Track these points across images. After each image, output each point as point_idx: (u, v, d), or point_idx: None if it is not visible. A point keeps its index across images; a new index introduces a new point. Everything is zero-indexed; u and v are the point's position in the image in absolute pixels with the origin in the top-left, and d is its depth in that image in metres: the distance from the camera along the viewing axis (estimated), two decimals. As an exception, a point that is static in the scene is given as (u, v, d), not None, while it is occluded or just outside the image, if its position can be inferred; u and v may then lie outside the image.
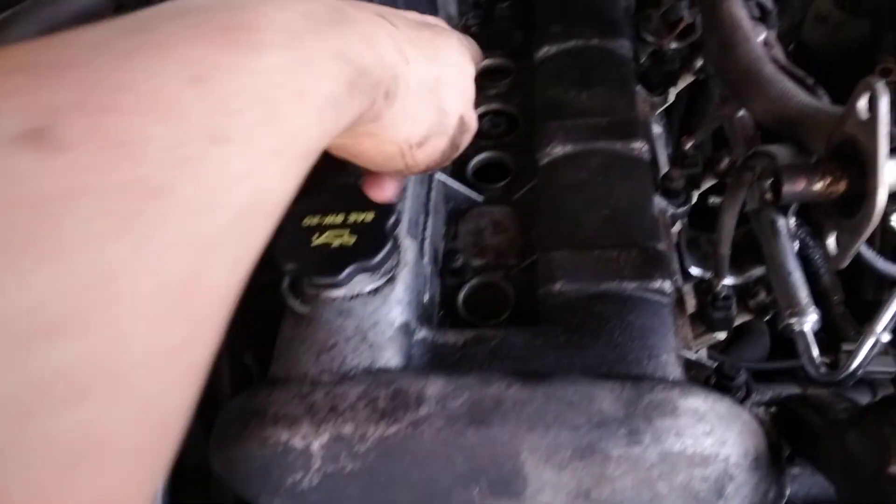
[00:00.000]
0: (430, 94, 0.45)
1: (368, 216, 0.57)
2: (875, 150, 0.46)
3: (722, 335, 0.66)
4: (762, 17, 0.78)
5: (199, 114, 0.24)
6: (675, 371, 0.54)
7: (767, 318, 0.65)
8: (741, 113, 0.68)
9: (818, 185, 0.50)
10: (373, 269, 0.56)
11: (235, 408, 0.54)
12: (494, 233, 0.73)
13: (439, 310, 0.67)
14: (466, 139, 0.52)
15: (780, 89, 0.59)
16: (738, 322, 0.67)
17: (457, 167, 0.79)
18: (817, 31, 1.27)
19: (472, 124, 0.52)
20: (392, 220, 0.57)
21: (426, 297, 0.64)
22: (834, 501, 0.56)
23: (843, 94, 0.52)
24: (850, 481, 0.49)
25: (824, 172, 0.50)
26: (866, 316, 0.55)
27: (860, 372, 0.54)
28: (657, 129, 0.86)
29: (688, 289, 0.71)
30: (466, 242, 0.72)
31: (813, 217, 0.59)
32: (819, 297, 0.61)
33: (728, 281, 0.66)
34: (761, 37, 0.73)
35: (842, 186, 0.50)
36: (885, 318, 0.52)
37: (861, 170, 0.48)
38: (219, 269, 0.25)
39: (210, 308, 0.25)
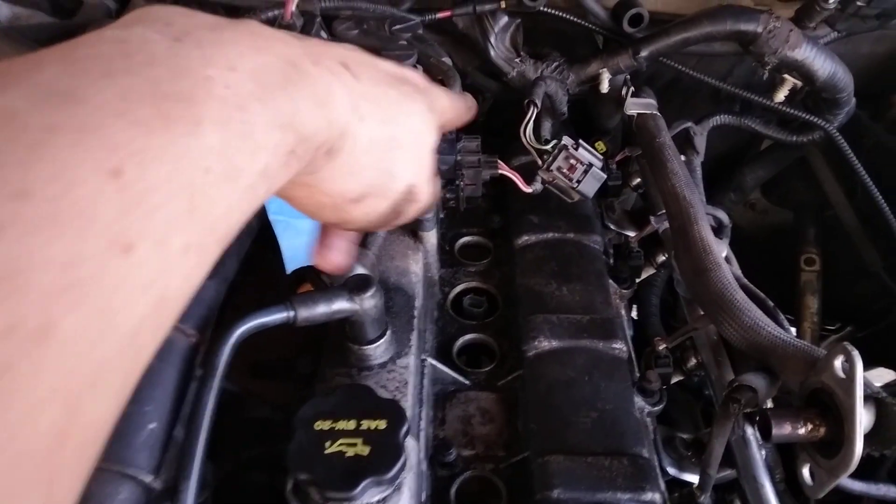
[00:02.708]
0: (379, 153, 0.42)
1: (381, 424, 0.58)
2: (853, 407, 0.53)
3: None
4: (718, 230, 0.88)
5: (107, 219, 0.22)
6: None
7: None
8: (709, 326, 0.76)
9: (802, 430, 0.56)
10: (387, 483, 0.57)
11: None
12: (482, 422, 0.75)
13: (432, 504, 0.68)
14: (414, 210, 0.49)
15: (751, 318, 0.66)
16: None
17: (442, 348, 0.82)
18: (746, 216, 1.42)
19: (424, 197, 0.49)
20: (405, 429, 0.58)
21: (423, 497, 0.65)
22: None
23: (770, 271, 0.59)
24: None
25: (806, 420, 0.56)
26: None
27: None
28: (625, 323, 0.92)
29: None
30: (455, 430, 0.74)
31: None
32: None
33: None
34: (723, 254, 0.82)
35: (822, 432, 0.56)
36: None
37: (838, 419, 0.55)
38: (97, 405, 0.22)
39: (80, 454, 0.22)
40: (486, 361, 0.82)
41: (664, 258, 0.94)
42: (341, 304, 0.63)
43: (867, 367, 1.38)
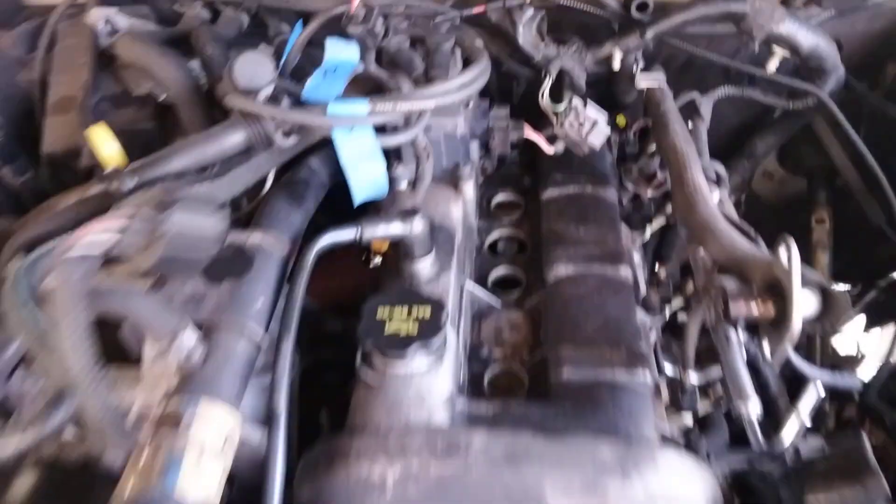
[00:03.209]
0: None
1: (427, 311, 0.77)
2: (790, 283, 0.68)
3: (689, 420, 0.85)
4: (717, 181, 1.04)
5: None
6: (654, 437, 0.72)
7: (725, 411, 0.85)
8: (702, 252, 0.91)
9: (755, 310, 0.71)
10: (429, 351, 0.75)
11: (320, 450, 0.71)
12: (511, 331, 0.92)
13: (468, 389, 0.85)
14: None
15: (729, 238, 0.81)
16: (700, 413, 0.86)
17: (479, 280, 1.00)
18: (765, 185, 1.55)
19: None
20: (445, 316, 0.76)
21: (461, 378, 0.82)
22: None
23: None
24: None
25: (760, 301, 0.71)
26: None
27: (789, 446, 0.73)
28: (637, 257, 1.08)
29: (663, 385, 0.90)
30: (489, 337, 0.91)
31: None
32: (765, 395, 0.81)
33: (694, 379, 0.86)
34: (717, 198, 0.97)
35: (771, 311, 0.71)
36: (805, 405, 0.72)
37: (783, 301, 0.70)
38: None
39: None
40: (515, 290, 0.99)
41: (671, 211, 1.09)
42: (396, 227, 0.82)
43: (881, 323, 1.50)
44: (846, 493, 0.60)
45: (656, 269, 0.97)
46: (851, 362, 1.32)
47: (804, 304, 0.70)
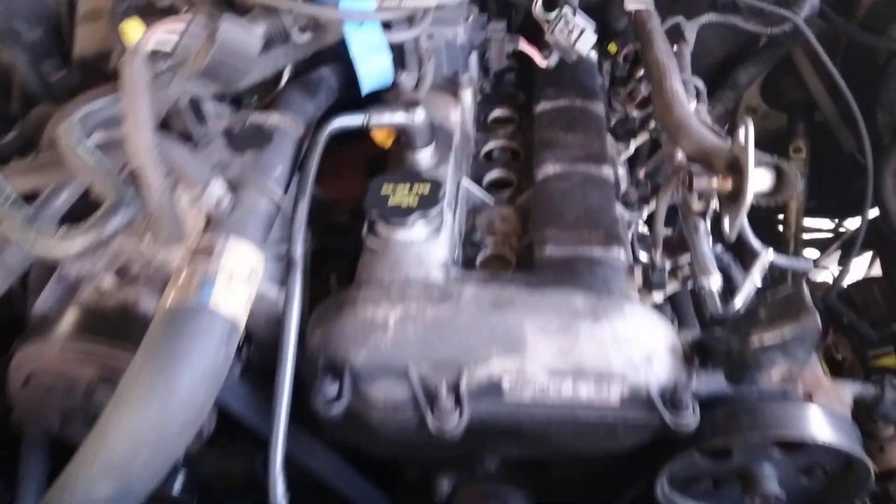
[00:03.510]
0: None
1: (426, 188, 0.86)
2: (745, 161, 0.77)
3: (659, 298, 0.95)
4: (697, 95, 1.13)
5: None
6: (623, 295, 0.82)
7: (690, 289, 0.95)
8: (679, 156, 1.00)
9: (714, 183, 0.80)
10: (428, 220, 0.84)
11: (331, 300, 0.81)
12: (502, 223, 1.02)
13: (461, 267, 0.95)
14: None
15: (699, 134, 0.90)
16: (669, 292, 0.96)
17: (475, 180, 1.09)
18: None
19: None
20: (442, 191, 0.86)
21: (456, 256, 0.92)
22: (724, 394, 0.84)
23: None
24: (729, 364, 0.77)
25: (719, 176, 0.80)
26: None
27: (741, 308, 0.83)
28: (622, 171, 1.17)
29: (638, 271, 1.00)
30: (482, 227, 1.01)
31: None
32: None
33: (667, 265, 0.96)
34: (693, 106, 1.06)
35: (729, 184, 0.80)
36: (757, 270, 0.82)
37: (740, 175, 0.79)
38: None
39: None
40: (507, 190, 1.09)
41: (655, 124, 1.18)
42: (400, 116, 0.91)
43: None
44: (785, 329, 0.70)
45: (637, 173, 1.06)
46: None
47: (759, 179, 0.79)
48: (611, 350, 0.75)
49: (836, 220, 1.61)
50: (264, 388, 0.85)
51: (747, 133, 0.78)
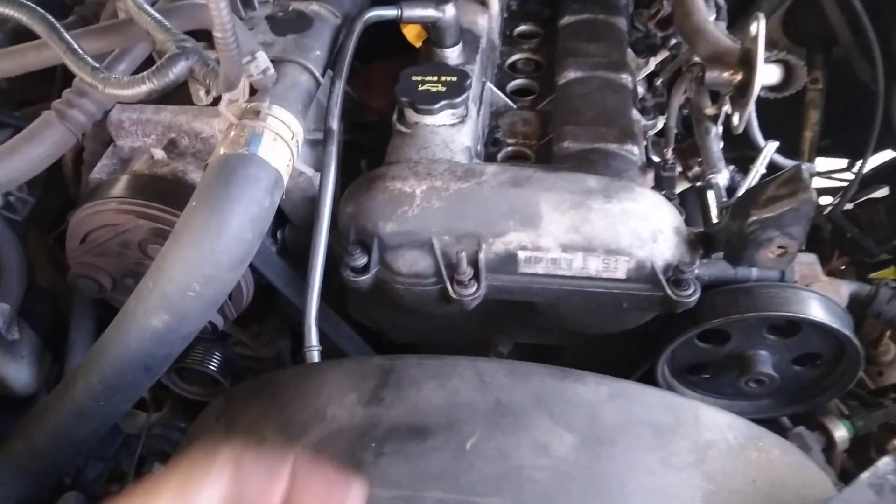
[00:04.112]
0: None
1: (454, 78, 0.92)
2: (755, 53, 0.82)
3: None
4: (717, 12, 1.16)
5: None
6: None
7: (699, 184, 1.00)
8: (695, 58, 1.04)
9: (725, 74, 0.85)
10: (454, 107, 0.90)
11: (362, 178, 0.87)
12: (523, 125, 1.07)
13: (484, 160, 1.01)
14: None
15: (715, 37, 0.95)
16: (678, 189, 1.01)
17: (499, 87, 1.14)
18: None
19: None
20: (469, 81, 0.91)
21: (479, 149, 0.98)
22: (725, 280, 0.90)
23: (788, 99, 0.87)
24: (729, 244, 0.83)
25: (731, 69, 0.85)
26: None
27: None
28: (641, 89, 1.21)
29: (650, 175, 1.05)
30: (504, 129, 1.06)
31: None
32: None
33: (678, 169, 1.01)
34: (712, 18, 1.10)
35: (739, 76, 0.85)
36: (761, 160, 0.87)
37: (750, 67, 0.84)
38: None
39: None
40: (529, 97, 1.14)
41: (675, 41, 1.22)
42: (431, 11, 0.96)
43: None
44: (781, 204, 0.76)
45: (654, 82, 1.11)
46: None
47: (768, 72, 0.84)
48: (619, 226, 0.80)
49: (849, 161, 1.63)
50: (297, 269, 0.93)
51: (759, 27, 0.82)
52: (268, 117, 0.74)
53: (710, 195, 0.97)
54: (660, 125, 1.11)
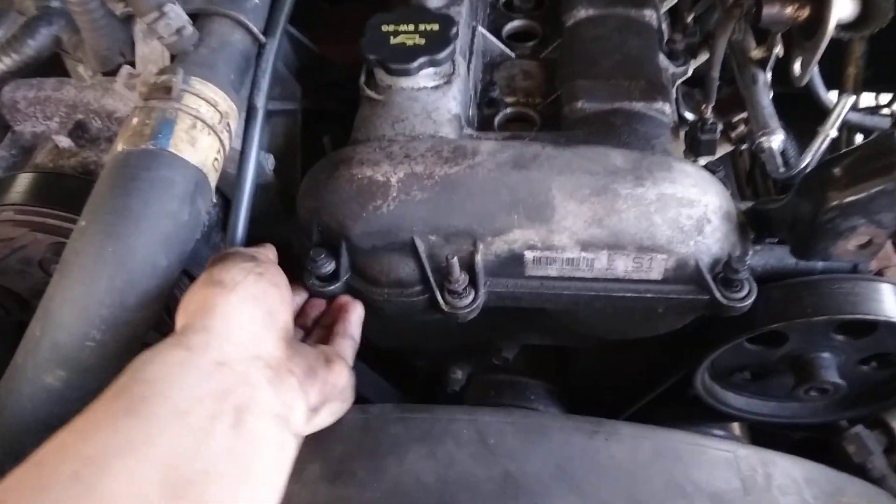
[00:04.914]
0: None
1: (435, 26, 0.72)
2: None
3: (704, 161, 0.82)
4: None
5: None
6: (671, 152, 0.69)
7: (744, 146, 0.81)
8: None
9: (788, 10, 0.65)
10: (437, 65, 0.70)
11: (323, 162, 0.68)
12: (524, 79, 0.87)
13: (477, 128, 0.81)
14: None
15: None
16: (719, 153, 0.82)
17: (493, 31, 0.93)
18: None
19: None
20: (455, 30, 0.71)
21: (471, 115, 0.79)
22: (785, 270, 0.72)
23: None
24: (796, 233, 0.65)
25: (795, 2, 0.65)
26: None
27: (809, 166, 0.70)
28: (665, 26, 1.00)
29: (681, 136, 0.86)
30: (500, 84, 0.86)
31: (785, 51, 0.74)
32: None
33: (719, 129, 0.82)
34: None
35: (805, 12, 0.65)
36: (833, 120, 0.68)
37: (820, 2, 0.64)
38: None
39: None
40: (530, 43, 0.93)
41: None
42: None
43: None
44: (872, 183, 0.57)
45: (683, 18, 0.90)
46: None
47: (842, 5, 0.64)
48: (655, 217, 0.62)
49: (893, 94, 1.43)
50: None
51: (836, -55, 0.62)
52: (183, 95, 0.55)
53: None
54: (690, 71, 0.91)
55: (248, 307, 0.49)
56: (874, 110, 1.45)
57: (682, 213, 0.63)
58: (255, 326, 0.49)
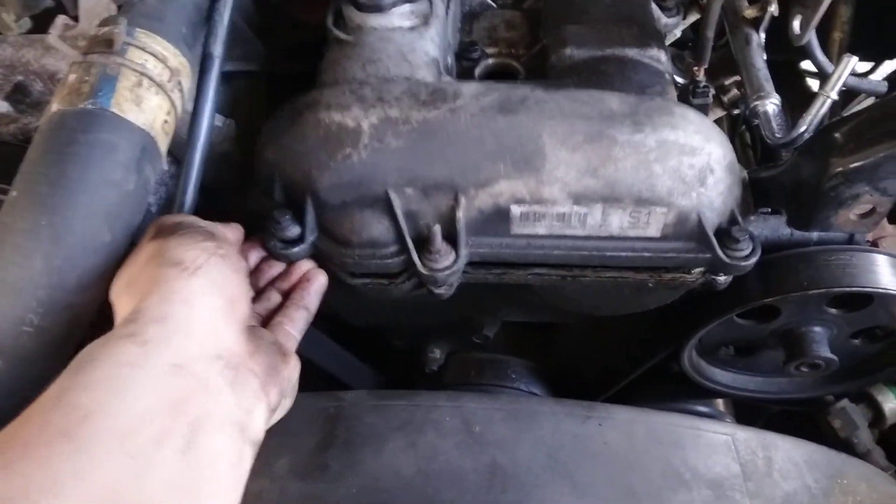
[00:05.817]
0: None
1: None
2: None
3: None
4: None
5: None
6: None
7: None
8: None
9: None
10: (413, 1, 0.64)
11: (285, 108, 0.61)
12: (507, 29, 0.80)
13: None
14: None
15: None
16: (711, 118, 0.78)
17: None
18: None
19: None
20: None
21: (449, 64, 0.72)
22: (779, 241, 0.69)
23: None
24: (796, 201, 0.61)
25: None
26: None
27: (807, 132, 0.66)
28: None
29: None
30: (481, 35, 0.80)
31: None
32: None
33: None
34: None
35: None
36: (834, 82, 0.64)
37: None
38: None
39: None
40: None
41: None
42: None
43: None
44: (878, 148, 0.54)
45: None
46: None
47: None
48: (655, 166, 0.57)
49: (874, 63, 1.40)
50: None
51: None
52: (127, 49, 0.49)
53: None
54: (679, 32, 0.86)
55: (210, 295, 0.44)
56: (863, 76, 1.42)
57: (683, 161, 0.57)
58: (216, 318, 0.44)
